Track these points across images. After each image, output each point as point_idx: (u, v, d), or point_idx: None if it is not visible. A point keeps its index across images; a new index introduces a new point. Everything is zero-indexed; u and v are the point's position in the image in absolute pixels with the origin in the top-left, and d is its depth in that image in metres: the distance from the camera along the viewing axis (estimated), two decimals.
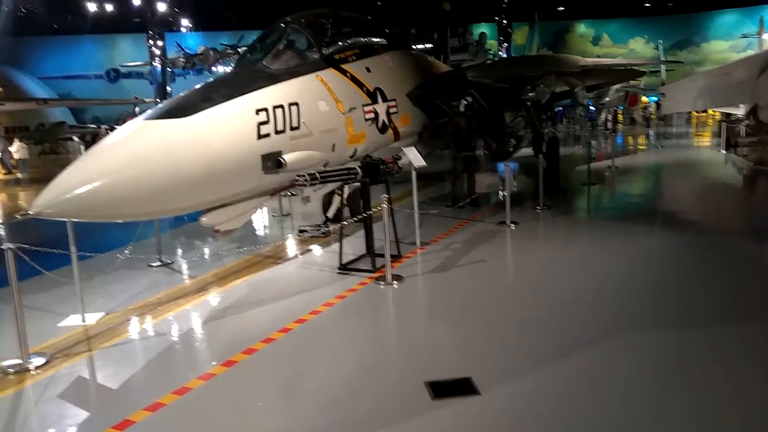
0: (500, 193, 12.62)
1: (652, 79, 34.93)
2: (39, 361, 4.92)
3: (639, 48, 53.32)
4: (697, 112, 35.58)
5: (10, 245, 4.88)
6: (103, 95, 44.39)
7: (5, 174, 24.97)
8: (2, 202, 17.31)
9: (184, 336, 5.57)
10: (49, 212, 4.44)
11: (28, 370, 4.80)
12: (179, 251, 8.95)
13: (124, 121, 5.57)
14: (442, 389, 4.14)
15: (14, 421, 4.08)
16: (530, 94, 11.54)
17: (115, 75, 49.93)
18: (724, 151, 18.82)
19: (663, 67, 36.41)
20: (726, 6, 50.42)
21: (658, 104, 36.31)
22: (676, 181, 15.06)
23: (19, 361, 4.86)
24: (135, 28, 43.52)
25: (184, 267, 8.03)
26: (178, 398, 4.23)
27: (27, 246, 5.11)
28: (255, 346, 5.07)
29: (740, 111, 18.07)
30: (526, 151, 13.25)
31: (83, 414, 4.16)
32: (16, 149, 25.24)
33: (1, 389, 4.53)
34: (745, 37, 43.51)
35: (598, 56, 37.19)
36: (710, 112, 35.30)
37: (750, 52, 33.17)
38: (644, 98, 38.61)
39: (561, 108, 35.74)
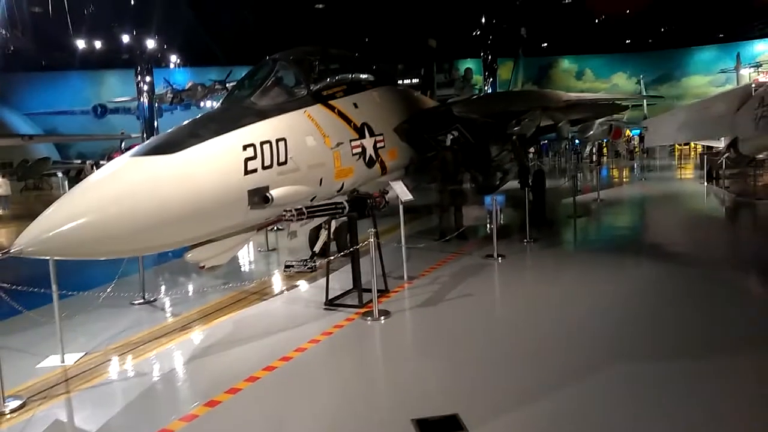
0: (487, 226, 12.68)
1: (634, 112, 35.76)
2: (15, 404, 4.76)
3: (621, 83, 54.75)
4: (679, 144, 36.30)
5: None
6: (89, 131, 44.51)
7: None
8: None
9: (166, 376, 5.43)
10: (31, 250, 4.38)
11: (3, 414, 4.63)
12: (163, 288, 8.81)
13: (110, 157, 5.54)
14: (429, 427, 4.06)
15: None
16: (515, 129, 11.71)
17: (102, 110, 50.16)
18: (707, 183, 19.13)
19: (644, 102, 37.30)
20: (705, 42, 52.18)
21: (641, 137, 37.02)
22: (661, 212, 15.22)
23: None
24: (123, 64, 43.87)
25: (168, 304, 7.89)
26: None
27: (6, 285, 5.00)
28: (239, 386, 4.95)
29: (721, 143, 18.47)
30: (513, 184, 13.36)
31: None
32: None
33: None
34: (724, 72, 44.88)
35: (582, 91, 38.07)
36: (692, 144, 36.06)
37: (728, 87, 34.10)
38: (627, 131, 39.37)
39: (546, 141, 36.35)
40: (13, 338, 6.24)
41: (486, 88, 41.00)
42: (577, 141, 35.73)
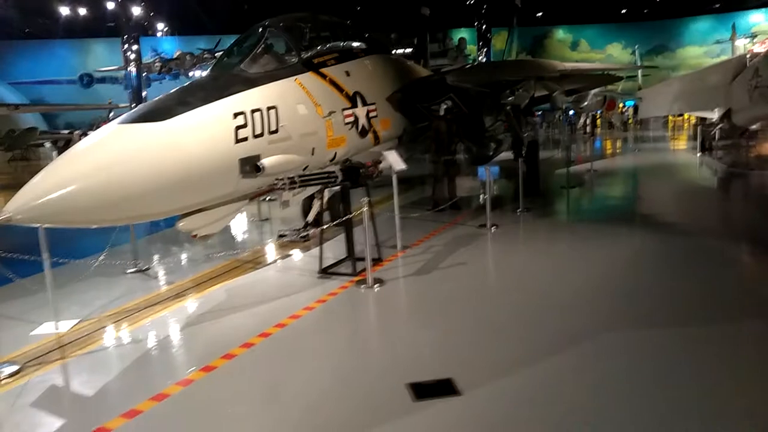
0: (481, 196, 12.69)
1: (629, 84, 35.54)
2: (11, 369, 4.79)
3: (616, 53, 54.35)
4: (673, 116, 36.26)
5: None
6: (76, 100, 43.70)
7: None
8: None
9: (162, 342, 5.47)
10: (19, 218, 4.33)
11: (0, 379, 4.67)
12: (156, 257, 8.80)
13: (98, 127, 5.47)
14: (423, 390, 4.12)
15: None
16: (510, 99, 11.63)
17: (88, 80, 49.30)
18: (700, 154, 19.18)
19: (639, 72, 37.08)
20: (700, 12, 51.66)
21: (635, 108, 36.93)
22: (654, 183, 15.29)
23: None
24: (109, 33, 42.97)
25: (161, 273, 7.90)
26: (155, 404, 4.14)
27: None
28: (234, 352, 5.00)
29: (714, 114, 18.44)
30: (506, 155, 13.35)
31: (57, 422, 4.05)
32: None
33: None
34: (719, 42, 44.61)
35: (577, 61, 37.75)
36: (686, 115, 36.03)
37: (723, 58, 33.91)
38: (621, 103, 39.25)
39: (540, 112, 36.18)
40: (6, 306, 6.24)
41: (480, 57, 40.58)
42: (571, 112, 35.62)
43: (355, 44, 9.13)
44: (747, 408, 3.78)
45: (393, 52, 12.91)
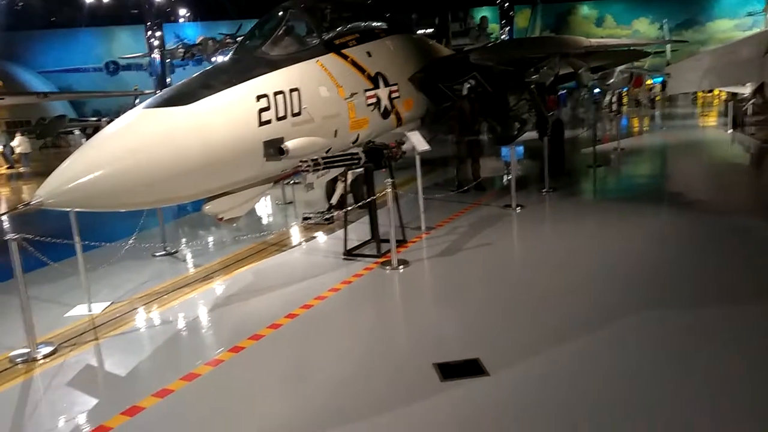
0: (505, 176, 12.57)
1: (656, 59, 34.64)
2: (46, 350, 4.93)
3: (643, 28, 52.87)
4: (703, 91, 35.27)
5: (15, 236, 4.87)
6: (102, 88, 44.40)
7: (7, 168, 25.04)
8: (5, 195, 17.35)
9: (191, 324, 5.57)
10: (51, 202, 4.43)
11: (36, 360, 4.81)
12: (183, 240, 8.95)
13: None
14: (450, 371, 4.12)
15: (24, 409, 4.10)
16: (534, 77, 11.41)
17: (114, 67, 49.87)
18: (731, 131, 18.65)
19: (668, 48, 36.08)
20: None
21: (663, 85, 36.00)
22: (682, 161, 14.94)
23: (27, 350, 4.87)
24: (133, 20, 43.36)
25: (189, 256, 8.03)
26: (186, 384, 4.23)
27: (31, 236, 5.09)
28: (262, 332, 5.06)
29: (747, 89, 17.88)
30: (531, 134, 13.15)
31: (92, 401, 4.17)
32: (18, 143, 25.30)
33: (11, 378, 4.54)
34: (751, 15, 43.09)
35: (602, 38, 36.85)
36: (716, 91, 35.01)
37: (756, 30, 32.78)
38: (649, 79, 38.27)
39: (565, 90, 35.54)
40: (41, 289, 6.41)
41: (502, 36, 39.88)
42: (596, 90, 34.86)
43: (376, 24, 9.04)
44: None
45: (415, 32, 12.77)
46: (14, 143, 25.44)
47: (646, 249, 6.95)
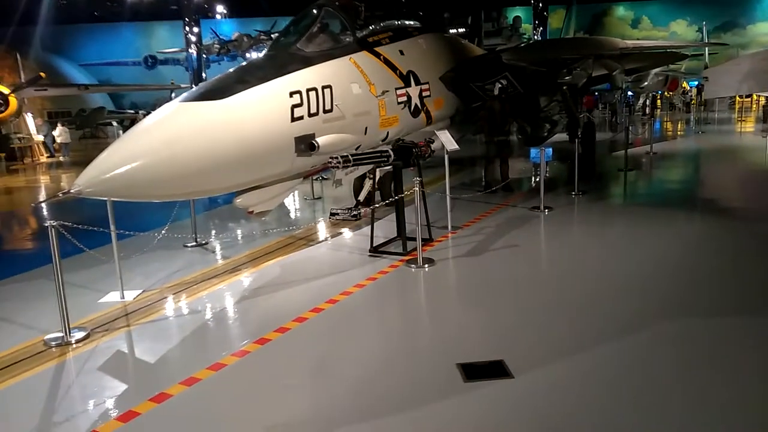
0: (533, 178, 12.45)
1: (693, 62, 33.84)
2: (80, 335, 5.08)
3: (681, 31, 51.59)
4: (740, 96, 34.30)
5: (54, 222, 5.03)
6: (140, 81, 45.35)
7: (48, 157, 25.79)
8: (45, 183, 17.89)
9: (218, 314, 5.68)
10: (89, 191, 4.57)
11: (70, 344, 4.96)
12: (213, 232, 9.11)
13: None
14: (474, 371, 4.12)
15: (56, 392, 4.23)
16: (566, 78, 11.28)
17: (152, 61, 50.97)
18: None
19: (706, 50, 35.18)
20: None
21: (699, 89, 35.15)
22: (717, 167, 14.58)
23: (61, 334, 5.02)
24: (172, 15, 44.21)
25: (218, 247, 8.17)
26: (213, 374, 4.31)
27: (69, 224, 5.25)
28: (287, 325, 5.13)
29: None
30: (561, 136, 13.00)
31: (121, 386, 4.28)
32: (59, 133, 26.04)
33: (45, 361, 4.69)
34: None
35: (638, 39, 36.11)
36: (755, 96, 34.03)
37: None
38: (684, 83, 37.39)
39: (597, 93, 34.94)
40: (76, 275, 6.59)
41: (535, 37, 39.41)
42: (629, 93, 34.20)
43: (409, 23, 9.05)
44: None
45: (447, 31, 12.72)
46: (55, 133, 26.19)
47: (676, 256, 6.82)
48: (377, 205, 7.62)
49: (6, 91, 24.66)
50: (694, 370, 4.04)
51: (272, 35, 37.52)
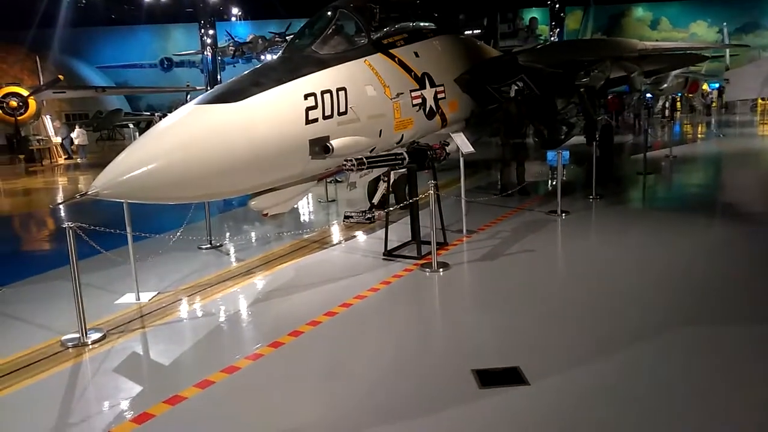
0: (550, 181, 12.34)
1: (714, 64, 33.35)
2: (96, 336, 5.11)
3: (701, 32, 50.86)
4: (763, 99, 33.74)
5: (71, 224, 5.06)
6: (156, 83, 45.85)
7: (66, 159, 26.13)
8: (63, 185, 18.12)
9: (232, 317, 5.68)
10: (106, 193, 4.59)
11: (86, 345, 4.99)
12: (228, 234, 9.14)
13: (176, 109, 5.75)
14: (489, 378, 4.06)
15: (72, 392, 4.26)
16: (584, 80, 11.16)
17: (168, 64, 51.48)
18: None
19: (727, 52, 34.66)
20: None
21: (719, 91, 34.65)
22: (738, 171, 14.33)
23: (77, 335, 5.06)
24: (187, 18, 44.61)
25: (233, 250, 8.19)
26: (226, 377, 4.31)
27: (86, 225, 5.29)
28: (301, 329, 5.11)
29: None
30: (578, 139, 12.87)
31: (136, 387, 4.29)
32: (77, 135, 26.35)
33: (61, 362, 4.72)
34: None
35: (657, 41, 35.70)
36: None
37: None
38: (705, 85, 36.87)
39: (612, 95, 34.59)
40: (93, 276, 6.64)
41: (552, 38, 39.13)
42: (648, 95, 33.80)
43: (424, 24, 9.01)
44: None
45: (462, 32, 12.66)
46: (73, 135, 26.53)
47: (695, 262, 6.70)
48: (391, 208, 7.57)
49: (25, 93, 25.10)
50: (715, 380, 3.95)
51: (287, 37, 37.69)
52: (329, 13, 7.24)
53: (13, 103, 24.63)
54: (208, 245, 8.16)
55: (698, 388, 3.85)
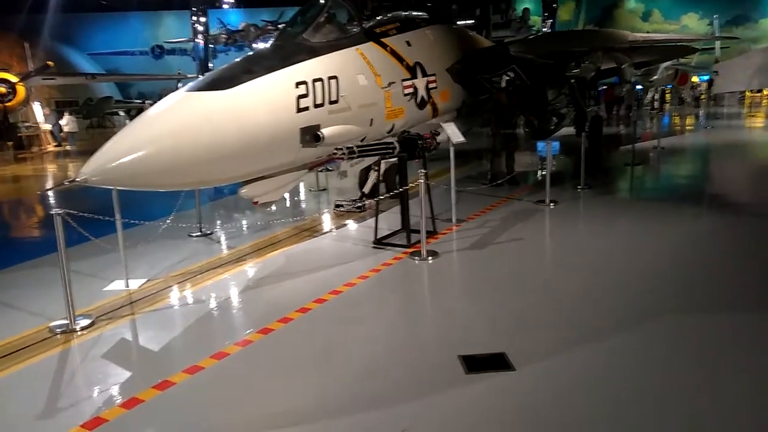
0: (539, 171, 12.41)
1: (703, 56, 33.44)
2: (85, 322, 5.12)
3: (692, 24, 51.03)
4: (751, 91, 33.99)
5: (59, 211, 5.06)
6: (147, 71, 45.32)
7: (55, 146, 25.92)
8: (52, 172, 17.99)
9: (222, 304, 5.70)
10: (95, 180, 4.57)
11: (75, 331, 5.00)
12: (218, 222, 9.14)
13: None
14: (475, 363, 4.12)
15: (61, 379, 4.27)
16: (575, 71, 11.20)
17: (159, 51, 51.00)
18: None
19: (717, 44, 34.79)
20: None
21: (709, 83, 34.82)
22: (726, 163, 14.47)
23: (66, 322, 5.06)
24: (179, 5, 44.15)
25: (223, 237, 8.20)
26: (216, 362, 4.34)
27: (75, 212, 5.28)
28: (291, 316, 5.15)
29: None
30: (568, 129, 12.93)
31: (125, 373, 4.32)
32: (66, 122, 26.13)
33: (50, 348, 4.74)
34: None
35: (648, 32, 35.77)
36: (765, 91, 33.72)
37: None
38: (695, 77, 37.02)
39: (604, 87, 34.69)
40: (82, 263, 6.63)
41: (544, 29, 39.10)
42: (638, 87, 33.91)
43: (417, 14, 9.00)
44: None
45: (455, 22, 12.66)
46: (62, 122, 26.29)
47: (681, 251, 6.79)
48: (382, 197, 7.60)
49: (14, 79, 24.81)
50: (697, 368, 4.03)
51: (279, 25, 37.41)
52: (321, 1, 7.21)
53: (1, 89, 24.34)
54: (199, 233, 8.16)
55: (682, 374, 3.93)
